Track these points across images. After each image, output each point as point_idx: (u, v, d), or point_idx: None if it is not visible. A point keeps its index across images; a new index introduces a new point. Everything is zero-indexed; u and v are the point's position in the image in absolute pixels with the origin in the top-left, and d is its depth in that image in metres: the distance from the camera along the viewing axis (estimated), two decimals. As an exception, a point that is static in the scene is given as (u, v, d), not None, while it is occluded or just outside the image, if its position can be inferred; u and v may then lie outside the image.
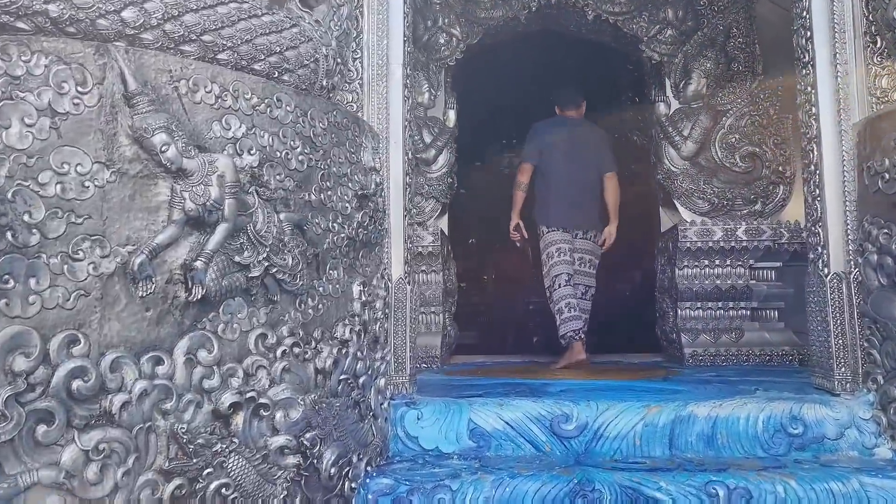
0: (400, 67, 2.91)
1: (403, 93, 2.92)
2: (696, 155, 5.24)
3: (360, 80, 2.80)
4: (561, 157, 4.83)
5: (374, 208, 2.51)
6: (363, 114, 2.79)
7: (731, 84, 5.29)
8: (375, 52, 2.85)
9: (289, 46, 2.20)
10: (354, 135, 2.45)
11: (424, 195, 5.26)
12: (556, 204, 4.81)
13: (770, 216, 5.17)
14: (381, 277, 2.62)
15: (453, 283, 5.57)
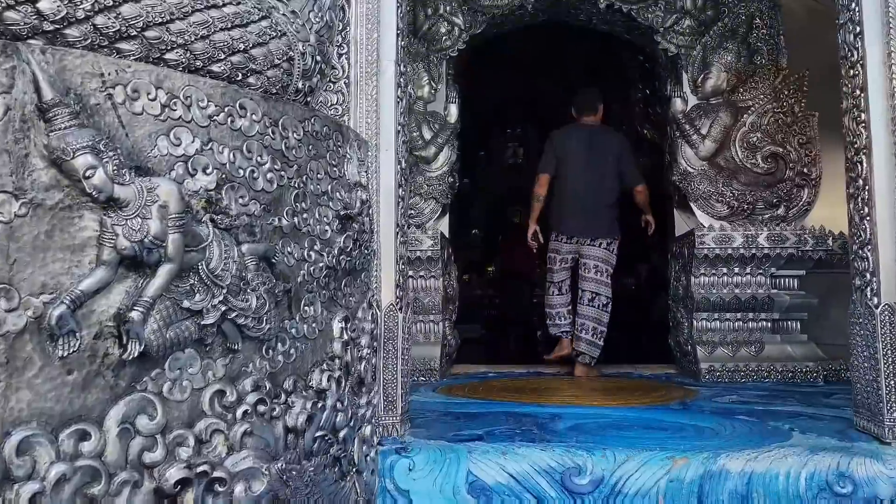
0: (392, 64, 2.56)
1: (396, 93, 2.57)
2: (715, 155, 4.89)
3: (346, 80, 2.45)
4: (576, 167, 4.80)
5: (360, 230, 2.16)
6: (349, 118, 2.45)
7: (753, 79, 4.93)
8: (364, 46, 2.50)
9: (256, 43, 1.85)
10: (337, 145, 2.11)
11: (423, 196, 4.92)
12: (568, 212, 4.82)
13: (793, 221, 4.83)
14: (367, 307, 2.29)
15: (454, 289, 5.24)
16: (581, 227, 4.83)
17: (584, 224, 4.82)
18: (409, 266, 4.80)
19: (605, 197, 4.82)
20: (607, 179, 4.82)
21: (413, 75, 4.99)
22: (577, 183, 4.78)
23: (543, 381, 4.66)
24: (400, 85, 2.60)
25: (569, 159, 4.82)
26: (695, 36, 4.98)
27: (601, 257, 4.84)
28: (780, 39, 4.92)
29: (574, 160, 4.80)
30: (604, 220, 4.83)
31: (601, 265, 4.83)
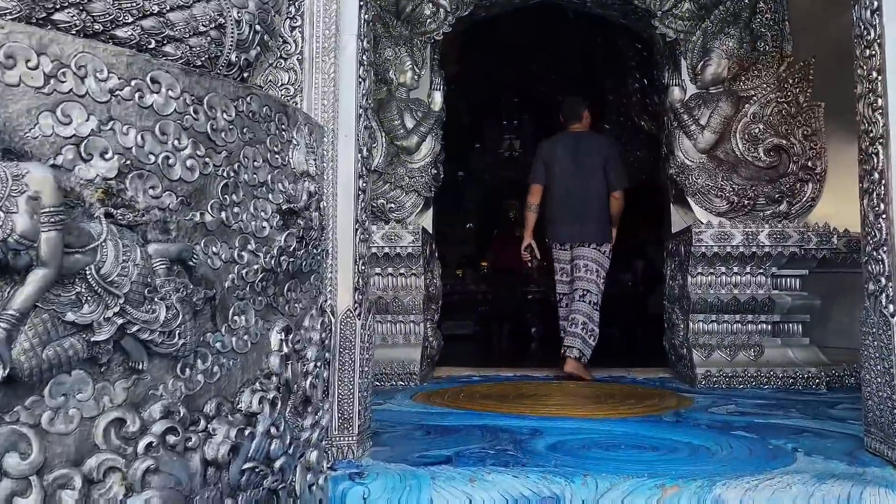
0: (354, 39, 2.28)
1: (358, 72, 2.29)
2: (715, 147, 4.61)
3: (299, 56, 2.17)
4: (562, 174, 4.85)
5: (307, 226, 1.89)
6: (303, 99, 2.17)
7: (755, 67, 4.65)
8: (321, 18, 2.22)
9: (175, 5, 1.57)
10: (280, 128, 1.83)
11: (404, 188, 4.64)
12: (558, 219, 4.88)
13: (796, 218, 4.56)
14: (318, 314, 2.01)
15: (437, 288, 4.96)
16: (572, 233, 4.88)
17: (575, 230, 4.87)
18: (389, 263, 4.54)
19: (594, 202, 4.84)
20: (595, 184, 4.84)
21: (395, 60, 4.71)
22: (565, 189, 4.83)
23: (530, 387, 4.39)
24: (362, 63, 2.31)
25: (556, 167, 4.86)
26: (695, 20, 4.70)
27: (591, 257, 4.86)
28: (784, 25, 4.63)
29: (561, 167, 4.85)
30: (594, 226, 4.86)
31: (591, 264, 4.84)
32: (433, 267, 4.95)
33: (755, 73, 4.63)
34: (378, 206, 4.63)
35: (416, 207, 4.69)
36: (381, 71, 4.73)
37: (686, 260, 4.56)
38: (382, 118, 4.68)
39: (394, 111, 4.66)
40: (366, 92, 2.34)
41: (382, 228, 4.53)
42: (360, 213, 2.27)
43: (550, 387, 4.41)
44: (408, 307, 4.58)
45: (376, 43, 4.74)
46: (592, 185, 4.82)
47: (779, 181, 4.52)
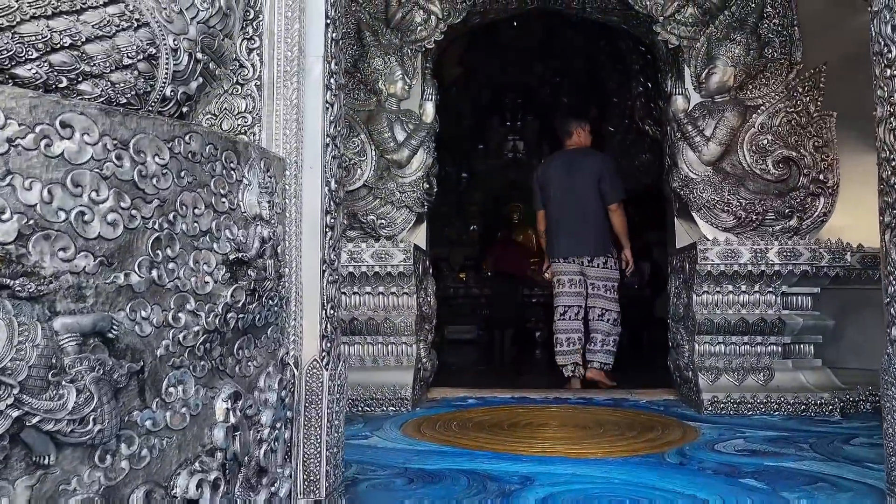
0: (320, 61, 2.07)
1: (325, 97, 2.08)
2: (721, 159, 4.39)
3: (257, 81, 1.97)
4: (557, 191, 4.99)
5: (260, 276, 1.68)
6: (261, 129, 1.96)
7: (763, 74, 4.42)
8: (283, 39, 2.01)
9: (93, 36, 1.36)
10: (228, 167, 1.62)
11: (395, 204, 4.44)
12: (557, 236, 5.01)
13: (808, 234, 4.33)
14: (277, 369, 1.81)
15: (430, 307, 4.76)
16: (569, 246, 4.98)
17: (571, 243, 4.98)
18: (379, 282, 4.34)
19: (588, 215, 4.96)
20: (588, 198, 4.96)
21: (385, 70, 4.50)
22: (560, 205, 4.97)
23: (527, 413, 4.18)
24: (329, 87, 2.10)
25: (551, 185, 5.03)
26: (699, 26, 4.47)
27: (602, 276, 5.02)
28: (793, 30, 4.40)
29: (555, 185, 5.01)
30: (591, 238, 4.98)
31: (607, 283, 5.01)
32: (427, 285, 4.74)
33: (763, 82, 4.41)
34: (368, 222, 4.43)
35: (407, 224, 4.48)
36: (370, 81, 4.52)
37: (691, 278, 4.34)
38: (372, 130, 4.48)
39: (384, 123, 4.46)
40: (334, 118, 2.13)
41: (372, 246, 4.33)
42: (327, 252, 2.07)
43: (548, 413, 4.20)
44: (399, 328, 4.38)
45: (365, 52, 4.54)
46: (586, 199, 4.94)
47: (788, 195, 4.29)
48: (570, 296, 5.00)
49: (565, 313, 5.02)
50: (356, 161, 4.46)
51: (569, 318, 5.00)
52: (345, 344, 4.43)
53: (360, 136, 4.50)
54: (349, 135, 4.50)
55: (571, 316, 5.00)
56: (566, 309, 5.02)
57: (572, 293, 5.00)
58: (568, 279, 5.01)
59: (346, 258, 4.30)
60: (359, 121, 4.52)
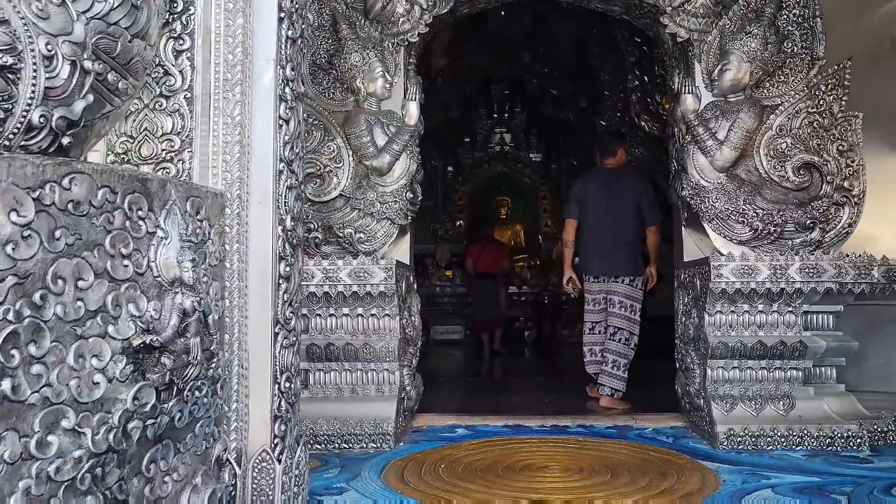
0: (271, 66, 1.63)
1: (279, 111, 1.64)
2: (735, 165, 3.97)
3: (187, 92, 1.53)
4: (597, 209, 5.04)
5: (180, 362, 1.24)
6: (192, 156, 1.52)
7: (782, 71, 4.01)
8: (221, 38, 1.57)
9: None
10: (133, 217, 1.18)
11: (376, 215, 4.00)
12: (592, 253, 5.07)
13: (831, 247, 3.93)
14: (209, 474, 1.37)
15: (415, 328, 4.33)
16: (604, 266, 5.03)
17: (606, 263, 5.02)
18: (357, 303, 3.90)
19: (625, 236, 4.98)
20: (627, 219, 5.00)
21: (363, 66, 4.04)
22: (598, 224, 5.01)
23: (524, 448, 3.77)
24: (284, 98, 1.66)
25: (589, 203, 5.06)
26: (711, 17, 4.04)
27: (625, 293, 5.00)
28: (816, 22, 3.98)
29: (595, 203, 5.04)
30: (624, 258, 5.00)
31: (625, 301, 4.98)
32: (411, 303, 4.31)
33: (781, 79, 3.99)
34: (345, 236, 3.99)
35: (389, 237, 4.04)
36: (347, 79, 4.07)
37: (703, 296, 3.93)
38: (349, 134, 4.03)
39: (362, 126, 4.01)
40: (291, 137, 1.68)
41: (350, 264, 3.88)
42: (282, 309, 1.63)
43: (547, 448, 3.79)
44: (380, 354, 3.94)
45: (341, 47, 4.08)
46: (625, 220, 4.99)
47: (810, 205, 3.89)
48: (597, 313, 5.11)
49: (594, 328, 5.13)
50: (332, 168, 4.01)
51: (597, 333, 5.11)
52: (320, 371, 4.00)
53: (336, 140, 4.04)
54: (324, 139, 4.04)
55: (599, 331, 5.10)
56: (594, 325, 5.13)
57: (598, 310, 5.10)
58: (592, 298, 5.12)
59: (320, 277, 3.86)
60: (335, 123, 4.07)
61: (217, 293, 1.45)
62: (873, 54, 4.31)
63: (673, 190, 4.34)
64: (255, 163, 1.61)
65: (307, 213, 4.01)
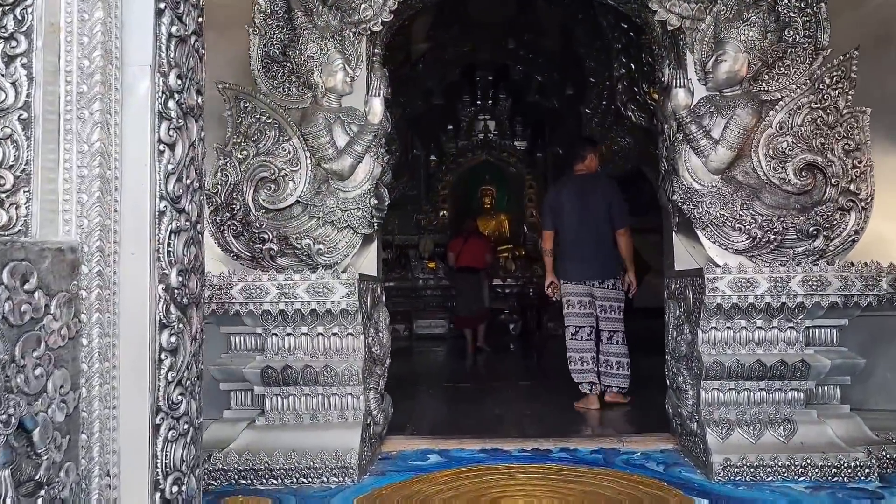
0: (147, 75, 1.25)
1: (158, 133, 1.26)
2: (731, 166, 3.62)
3: (22, 113, 1.13)
4: (569, 217, 5.19)
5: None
6: (31, 198, 1.13)
7: (783, 62, 3.65)
8: (75, 37, 1.17)
9: None
10: None
11: (336, 224, 3.62)
12: (569, 260, 5.22)
13: (836, 256, 3.59)
14: None
15: (382, 346, 3.95)
16: (585, 271, 5.15)
17: (584, 268, 5.15)
18: (317, 321, 3.54)
19: (599, 240, 5.13)
20: (599, 224, 5.12)
21: (321, 58, 3.64)
22: (574, 231, 5.16)
23: (501, 478, 3.43)
24: (167, 116, 1.27)
25: (563, 210, 5.21)
26: (704, 3, 3.67)
27: (612, 297, 5.16)
28: (820, 8, 3.62)
29: (568, 210, 5.19)
30: (600, 262, 5.14)
31: (614, 304, 5.15)
32: (378, 318, 3.93)
33: (782, 71, 3.63)
34: (303, 247, 3.60)
35: (351, 248, 3.66)
36: (303, 72, 3.67)
37: (696, 310, 3.59)
38: (306, 134, 3.64)
39: (320, 124, 3.61)
40: (179, 166, 1.30)
41: (308, 278, 3.51)
42: (165, 392, 1.26)
43: (526, 478, 3.44)
44: (343, 377, 3.58)
45: (296, 36, 3.67)
46: (598, 224, 5.11)
47: (813, 210, 3.54)
48: (581, 316, 5.15)
49: (577, 333, 5.14)
50: (287, 172, 3.62)
51: (581, 339, 5.13)
52: (277, 396, 3.64)
53: (292, 140, 3.65)
54: (278, 139, 3.65)
55: (584, 336, 5.12)
56: (577, 329, 5.15)
57: (582, 314, 5.15)
58: (577, 300, 5.15)
59: (275, 293, 3.49)
60: (290, 121, 3.67)
61: (62, 386, 1.07)
62: (879, 40, 3.96)
63: (663, 192, 3.98)
64: (125, 203, 1.23)
65: (261, 221, 3.62)
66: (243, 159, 3.66)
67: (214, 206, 3.65)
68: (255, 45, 3.72)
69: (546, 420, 4.78)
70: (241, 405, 3.84)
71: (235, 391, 3.84)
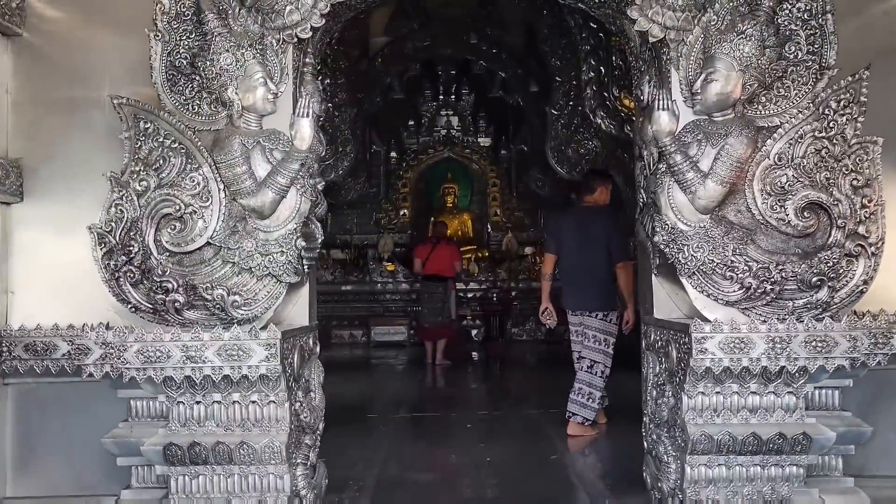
0: None
1: None
2: (722, 204, 3.09)
3: None
4: (568, 247, 5.30)
5: None
6: None
7: (782, 83, 3.12)
8: None
9: None
10: None
11: (255, 272, 3.02)
12: (567, 289, 5.35)
13: (842, 308, 3.08)
14: None
15: (314, 409, 3.36)
16: (579, 301, 5.26)
17: (580, 298, 5.25)
18: (231, 388, 2.95)
19: (597, 273, 5.17)
20: (598, 257, 5.17)
21: (237, 70, 3.02)
22: (571, 261, 5.27)
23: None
24: None
25: (565, 241, 5.32)
26: (692, 11, 3.12)
27: (597, 327, 5.18)
28: (826, 20, 3.09)
29: (568, 240, 5.30)
30: (597, 294, 5.20)
31: (598, 335, 5.18)
32: (310, 376, 3.34)
33: (782, 93, 3.10)
34: (214, 299, 2.99)
35: (274, 299, 3.05)
36: (215, 87, 3.05)
37: (680, 372, 3.07)
38: (219, 162, 3.02)
39: (236, 151, 3.01)
40: None
41: (220, 338, 2.90)
42: None
43: None
44: (262, 455, 2.99)
45: (207, 44, 3.04)
46: (596, 257, 5.17)
47: (816, 256, 3.03)
48: (576, 344, 5.28)
49: (592, 367, 5.15)
50: (196, 208, 3.01)
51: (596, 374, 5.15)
52: (184, 476, 3.03)
53: (202, 169, 3.03)
54: (185, 168, 3.03)
55: (585, 367, 5.17)
56: (580, 358, 5.22)
57: (576, 342, 5.28)
58: (574, 330, 5.29)
59: (179, 356, 2.89)
60: (201, 146, 3.05)
61: None
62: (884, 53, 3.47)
63: (641, 228, 3.44)
64: None
65: (164, 267, 3.01)
66: (143, 192, 3.03)
67: (108, 247, 3.02)
68: (157, 53, 3.08)
69: (507, 474, 4.26)
70: (143, 483, 3.24)
71: (137, 466, 3.23)
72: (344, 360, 10.41)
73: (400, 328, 12.50)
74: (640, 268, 3.64)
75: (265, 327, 2.98)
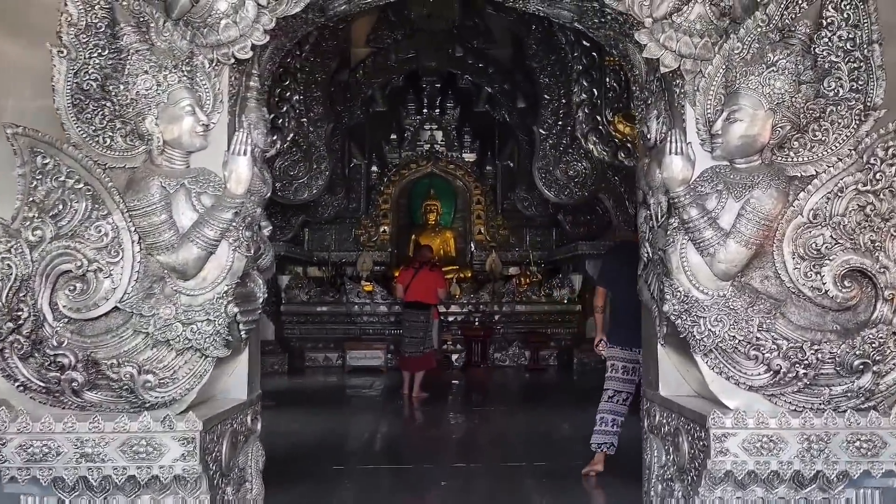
0: None
1: None
2: (746, 268, 2.55)
3: None
4: (619, 283, 5.15)
5: None
6: None
7: (819, 124, 2.59)
8: None
9: None
10: None
11: (174, 344, 2.46)
12: (617, 324, 5.14)
13: (888, 398, 2.55)
14: None
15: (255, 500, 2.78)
16: (627, 337, 5.02)
17: (630, 335, 4.95)
18: (140, 491, 2.35)
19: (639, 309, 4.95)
20: None
21: (158, 96, 2.45)
22: (619, 297, 5.14)
23: None
24: None
25: (612, 276, 5.25)
26: (713, 37, 2.59)
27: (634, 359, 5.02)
28: (873, 52, 2.57)
29: (616, 277, 5.19)
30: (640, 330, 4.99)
31: (628, 365, 5.10)
32: (245, 463, 2.77)
33: (818, 137, 2.59)
34: (121, 378, 2.41)
35: (198, 378, 2.48)
36: (131, 116, 2.48)
37: (694, 471, 2.53)
38: (133, 207, 2.46)
39: (153, 195, 2.44)
40: None
41: (124, 429, 2.33)
42: None
43: None
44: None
45: (123, 64, 2.48)
46: None
47: (859, 335, 2.50)
48: (623, 381, 5.14)
49: (614, 397, 5.10)
50: (102, 265, 2.43)
51: (617, 402, 5.09)
52: None
53: (112, 216, 2.47)
54: (90, 214, 2.46)
55: (620, 400, 5.09)
56: (615, 394, 5.11)
57: (624, 379, 5.14)
58: (622, 365, 5.15)
59: (72, 454, 2.31)
60: (111, 188, 2.48)
61: None
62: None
63: (646, 287, 2.92)
64: None
65: (61, 337, 2.43)
66: (37, 243, 2.45)
67: (-8, 311, 2.43)
68: (60, 73, 2.51)
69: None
70: None
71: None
72: (316, 389, 9.78)
73: (377, 352, 11.87)
74: (644, 333, 3.11)
75: (186, 410, 2.41)
